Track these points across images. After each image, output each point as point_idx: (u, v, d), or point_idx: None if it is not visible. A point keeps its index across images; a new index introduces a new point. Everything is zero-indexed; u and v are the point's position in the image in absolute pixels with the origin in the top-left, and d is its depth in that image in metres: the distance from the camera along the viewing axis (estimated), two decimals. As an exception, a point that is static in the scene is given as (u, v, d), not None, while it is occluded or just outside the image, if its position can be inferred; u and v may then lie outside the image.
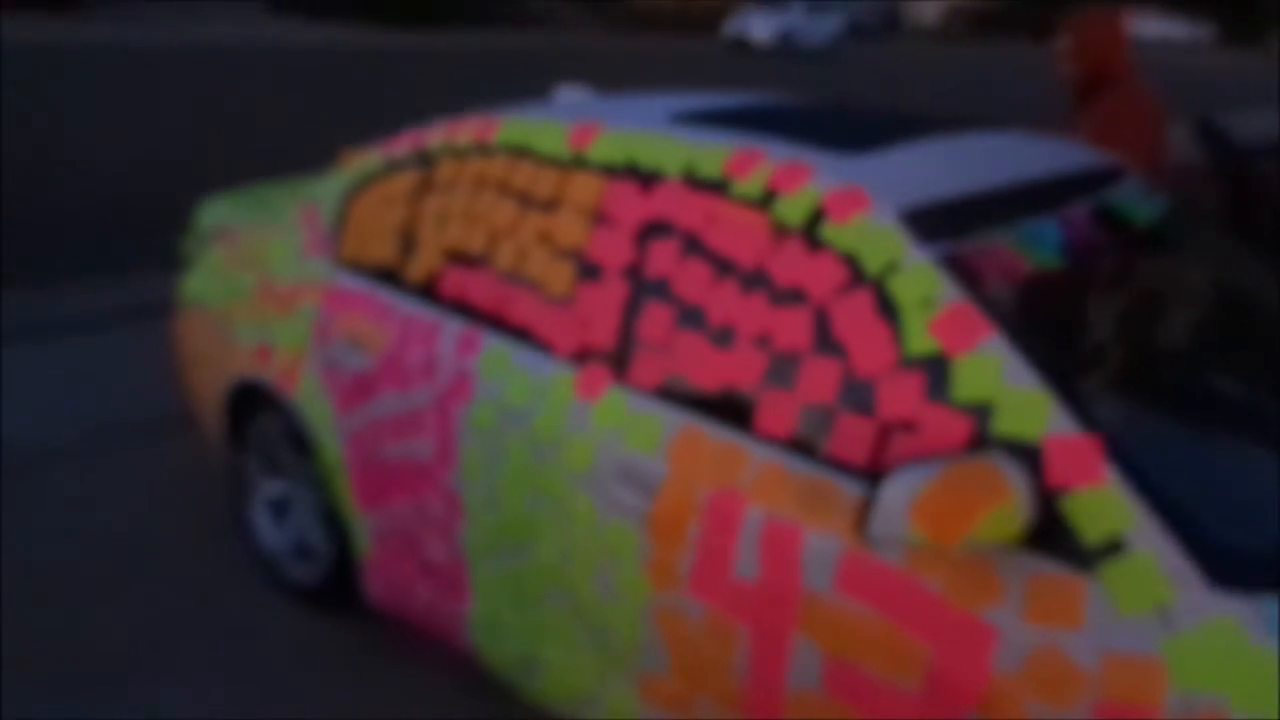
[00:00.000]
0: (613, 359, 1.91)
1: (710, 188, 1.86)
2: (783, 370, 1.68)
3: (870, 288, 1.63)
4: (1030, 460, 1.42)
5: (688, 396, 1.80)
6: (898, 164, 1.86)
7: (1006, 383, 1.48)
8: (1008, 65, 22.37)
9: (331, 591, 2.66)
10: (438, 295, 2.25)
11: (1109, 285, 1.81)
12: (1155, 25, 40.58)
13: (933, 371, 1.53)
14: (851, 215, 1.69)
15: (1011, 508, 1.36)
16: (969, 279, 1.60)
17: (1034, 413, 1.45)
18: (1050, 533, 1.39)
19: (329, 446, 2.43)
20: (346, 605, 2.66)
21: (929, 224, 1.67)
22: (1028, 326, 1.57)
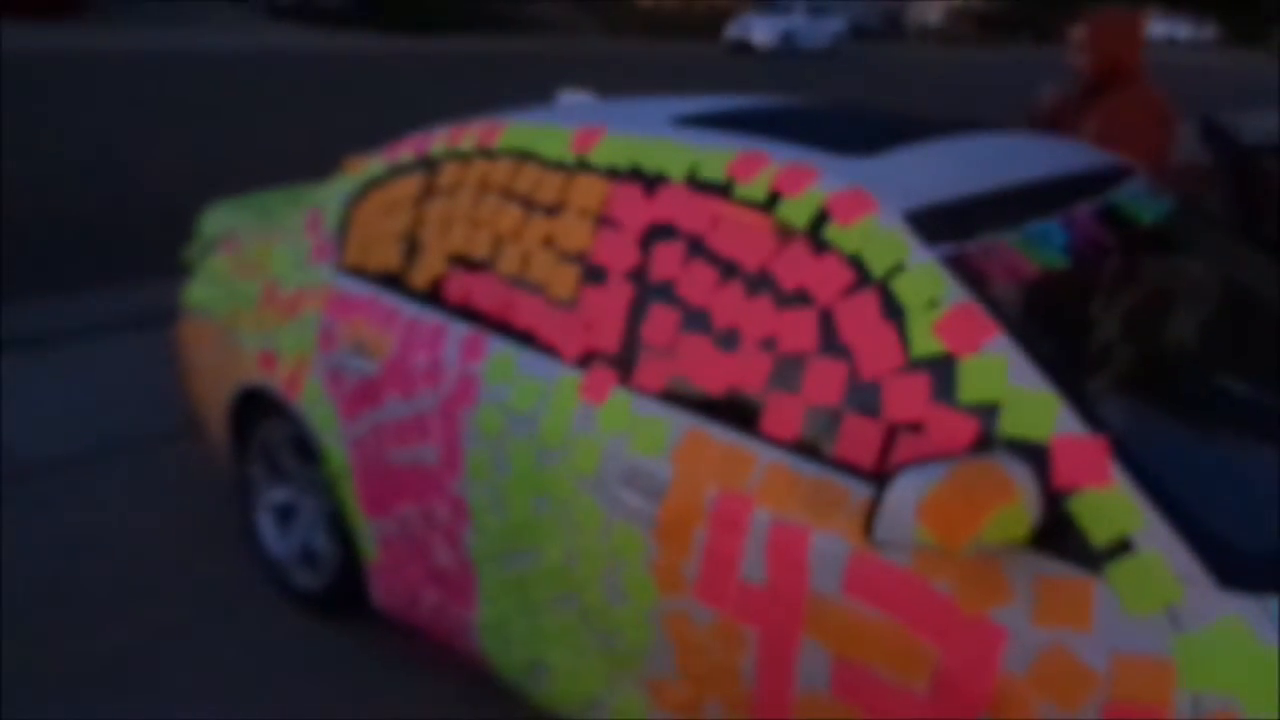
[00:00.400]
0: (618, 362, 1.91)
1: (714, 190, 1.86)
2: (788, 372, 1.68)
3: (875, 289, 1.62)
4: (1037, 461, 1.42)
5: (693, 399, 1.80)
6: (902, 165, 1.86)
7: (1013, 383, 1.47)
8: (1010, 67, 22.35)
9: (337, 597, 2.66)
10: (442, 300, 2.25)
11: (1115, 285, 1.81)
12: (1159, 25, 40.65)
13: (939, 372, 1.53)
14: (856, 217, 1.68)
15: (1019, 508, 1.35)
16: (974, 280, 1.59)
17: (1041, 413, 1.44)
18: (1058, 533, 1.39)
19: (334, 452, 2.43)
20: (352, 611, 2.65)
21: (933, 225, 1.67)
22: (1033, 327, 1.57)
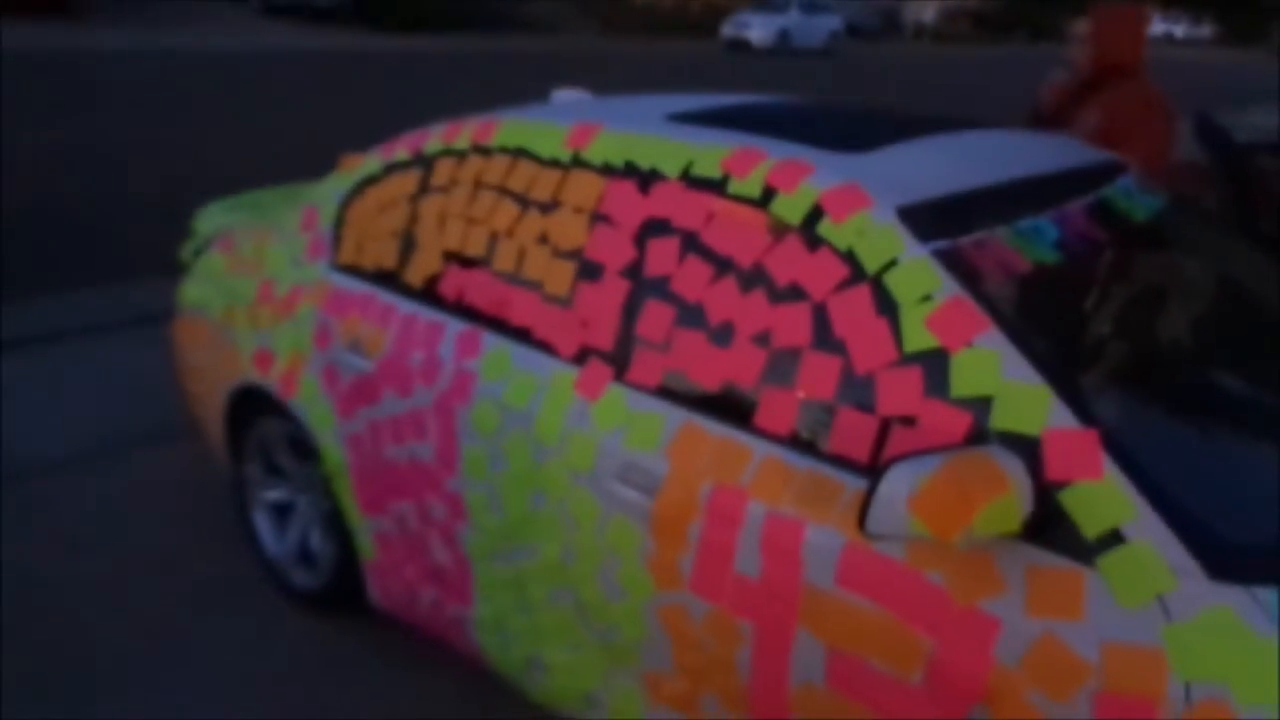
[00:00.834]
0: (613, 358, 1.91)
1: (709, 187, 1.87)
2: (782, 368, 1.69)
3: (869, 285, 1.63)
4: (1029, 454, 1.43)
5: (688, 394, 1.81)
6: (895, 162, 1.87)
7: (1005, 377, 1.48)
8: (1005, 65, 22.36)
9: (335, 595, 2.66)
10: (437, 297, 2.26)
11: (1107, 281, 1.82)
12: (1157, 22, 40.77)
13: (932, 367, 1.54)
14: (850, 213, 1.69)
15: (1011, 501, 1.36)
16: (967, 275, 1.60)
17: (1033, 407, 1.45)
18: (1050, 525, 1.40)
19: (331, 450, 2.44)
20: (350, 609, 2.66)
21: (927, 221, 1.68)
22: (1026, 322, 1.58)
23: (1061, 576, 1.38)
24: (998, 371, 1.49)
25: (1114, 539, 1.36)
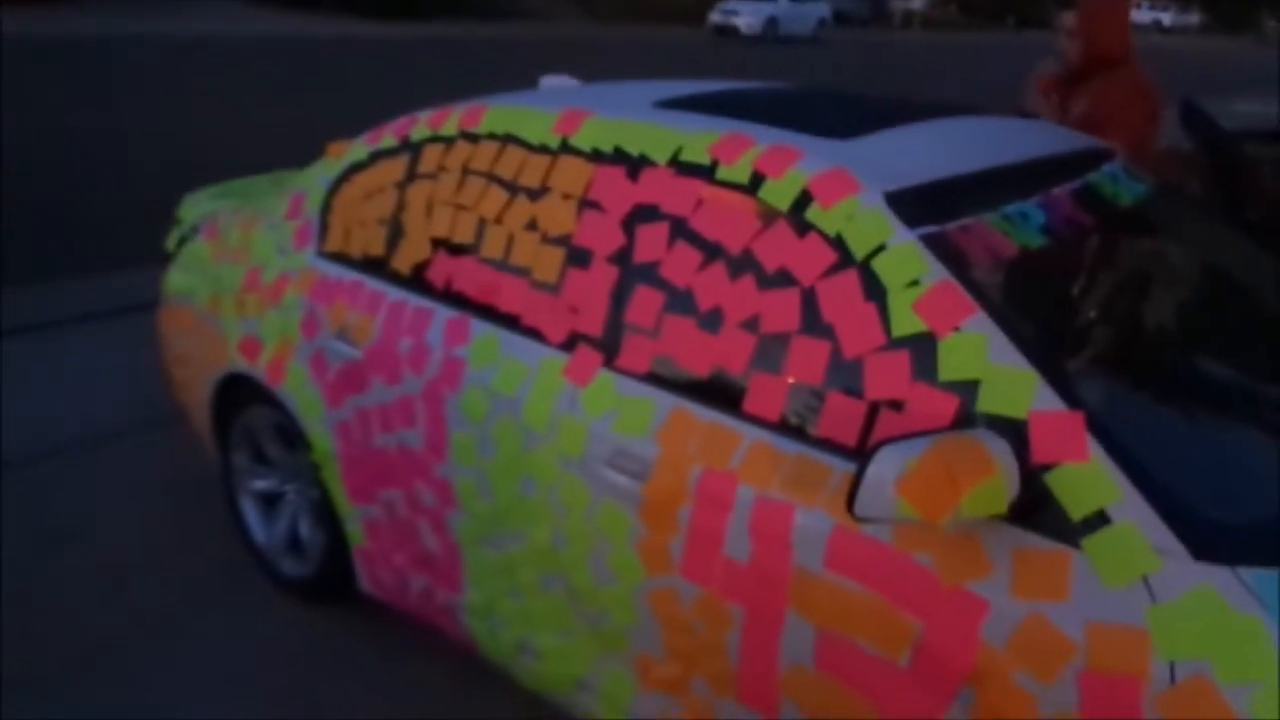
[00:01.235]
0: (602, 344, 1.91)
1: (697, 173, 1.86)
2: (771, 352, 1.69)
3: (857, 270, 1.64)
4: (1016, 437, 1.43)
5: (677, 380, 1.81)
6: (883, 148, 1.88)
7: (992, 361, 1.49)
8: (991, 52, 22.37)
9: (324, 584, 2.66)
10: (425, 284, 2.25)
11: (1092, 265, 1.83)
12: (1145, 10, 40.86)
13: (920, 351, 1.55)
14: (838, 199, 1.69)
15: (997, 483, 1.37)
16: (954, 260, 1.61)
17: (1019, 390, 1.46)
18: (1036, 507, 1.41)
19: (319, 438, 2.43)
20: (340, 597, 2.66)
21: (914, 206, 1.68)
22: (1012, 306, 1.59)
23: (1048, 558, 1.39)
24: (985, 355, 1.50)
25: (1099, 520, 1.37)
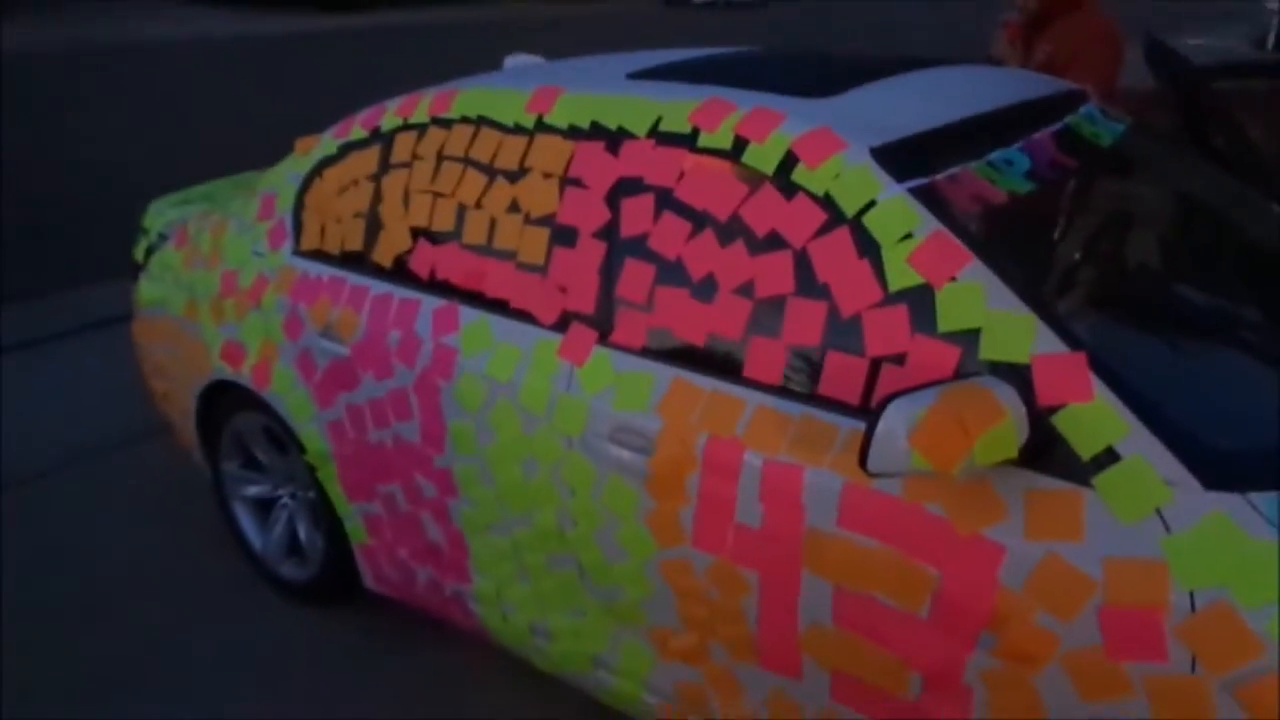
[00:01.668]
0: (596, 321, 1.90)
1: (679, 142, 1.85)
2: (768, 317, 1.69)
3: (848, 227, 1.63)
4: (1020, 381, 1.44)
5: (674, 351, 1.80)
6: (864, 104, 1.87)
7: (990, 307, 1.50)
8: (939, 12, 22.36)
9: (326, 585, 2.64)
10: (409, 274, 2.22)
11: (1079, 205, 1.84)
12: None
13: (917, 304, 1.55)
14: (824, 157, 1.69)
15: (1007, 428, 1.38)
16: (944, 210, 1.61)
17: (1020, 334, 1.47)
18: (1045, 449, 1.42)
19: (312, 438, 2.40)
20: (343, 598, 2.64)
21: (901, 160, 1.68)
22: (1005, 251, 1.59)
23: (1060, 498, 1.41)
24: (983, 303, 1.50)
25: (1109, 457, 1.38)
